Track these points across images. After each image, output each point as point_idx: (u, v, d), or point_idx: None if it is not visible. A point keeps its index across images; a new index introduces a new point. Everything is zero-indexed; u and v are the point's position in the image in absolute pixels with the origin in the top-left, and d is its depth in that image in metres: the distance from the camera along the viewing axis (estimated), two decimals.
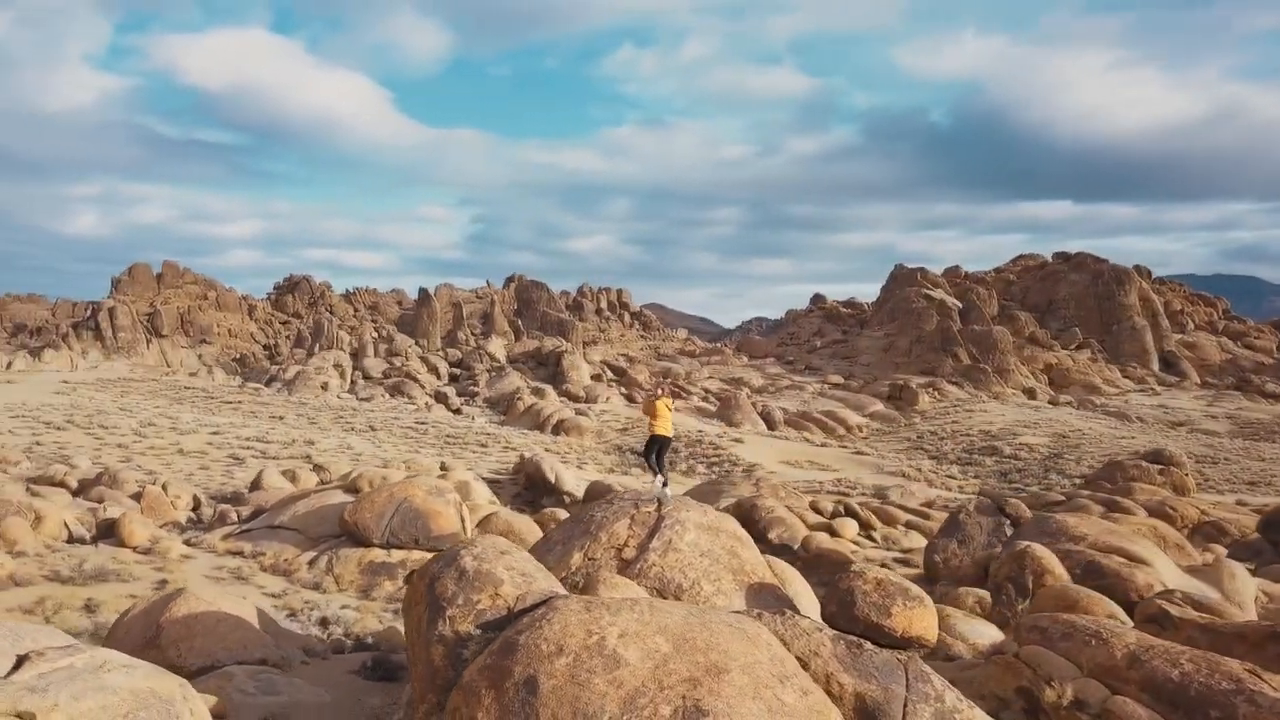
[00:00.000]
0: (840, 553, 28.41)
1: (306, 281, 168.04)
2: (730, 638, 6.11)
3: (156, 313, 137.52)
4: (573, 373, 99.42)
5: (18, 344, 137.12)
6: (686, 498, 10.80)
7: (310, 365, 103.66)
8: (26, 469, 48.55)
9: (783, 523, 30.69)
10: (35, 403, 71.58)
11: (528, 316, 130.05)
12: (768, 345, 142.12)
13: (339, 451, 58.48)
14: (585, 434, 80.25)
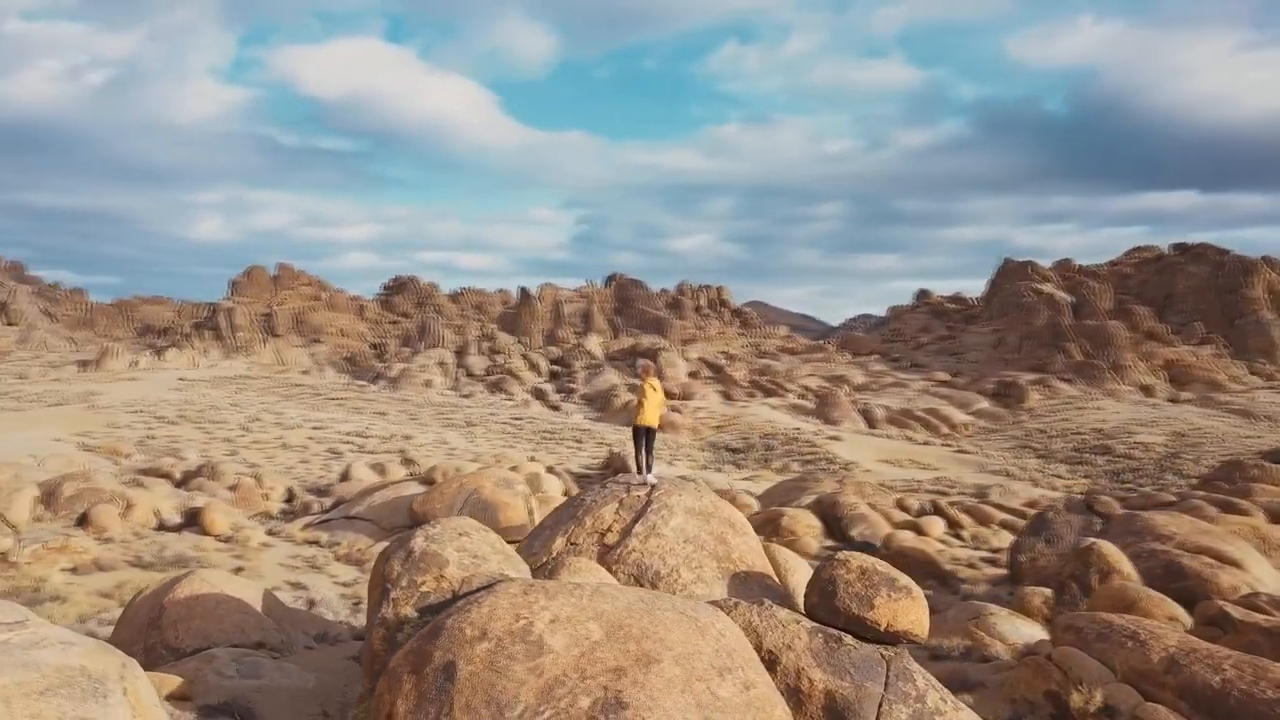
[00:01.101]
0: (924, 551, 27.39)
1: (414, 282, 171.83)
2: (673, 626, 5.66)
3: (272, 313, 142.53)
4: (669, 370, 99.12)
5: (144, 344, 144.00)
6: (685, 480, 10.33)
7: (415, 363, 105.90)
8: (138, 460, 50.77)
9: (864, 520, 29.80)
10: (153, 399, 74.92)
11: (626, 315, 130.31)
12: (871, 342, 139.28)
13: (434, 446, 59.49)
14: (681, 431, 79.86)
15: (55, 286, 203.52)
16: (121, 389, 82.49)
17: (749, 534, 9.27)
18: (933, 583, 25.42)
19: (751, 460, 66.60)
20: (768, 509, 33.60)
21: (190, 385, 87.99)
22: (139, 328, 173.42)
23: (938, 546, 29.77)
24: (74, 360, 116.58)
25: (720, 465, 64.35)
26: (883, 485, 47.46)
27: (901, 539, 28.20)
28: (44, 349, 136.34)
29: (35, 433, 56.90)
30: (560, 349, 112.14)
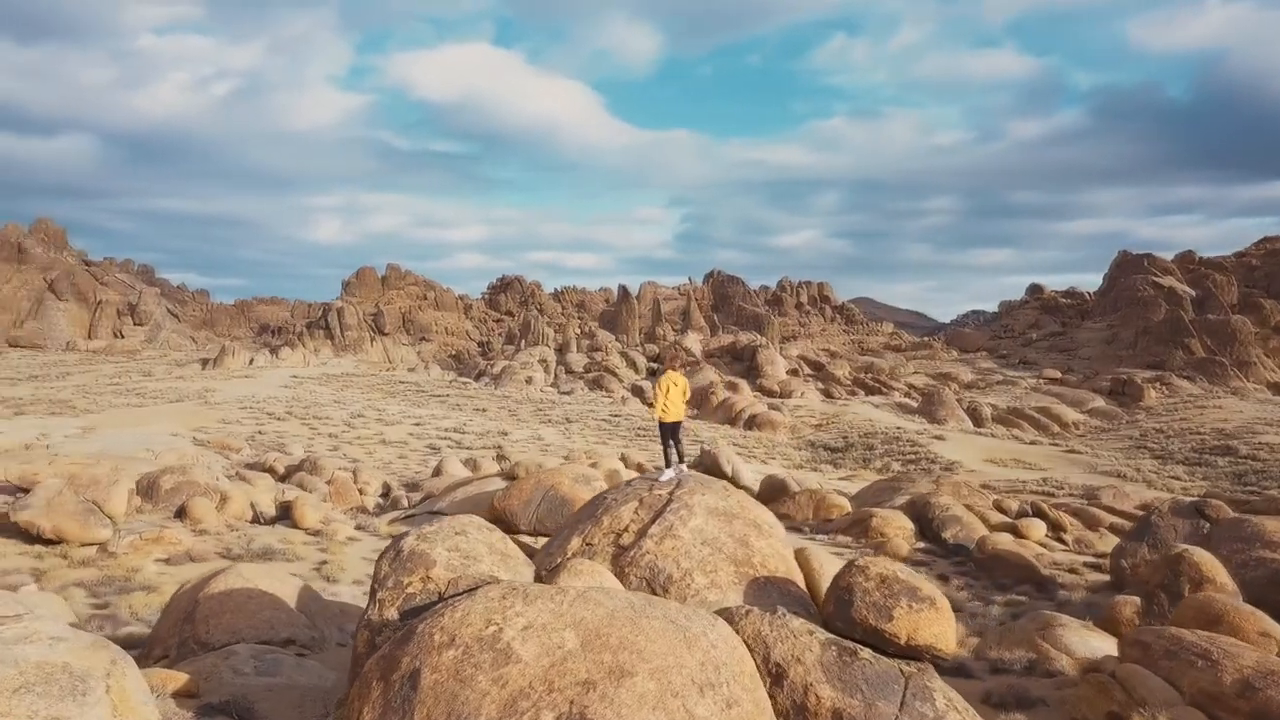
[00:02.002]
0: (1020, 555, 26.21)
1: (518, 281, 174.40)
2: (656, 637, 5.27)
3: (380, 313, 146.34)
4: (768, 367, 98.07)
5: (261, 342, 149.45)
6: (711, 480, 9.85)
7: (516, 360, 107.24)
8: (246, 455, 52.54)
9: (958, 521, 28.70)
10: (264, 395, 77.60)
11: (724, 311, 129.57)
12: (980, 339, 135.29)
13: (529, 442, 60.03)
14: (778, 429, 78.89)
15: (181, 288, 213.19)
16: (237, 386, 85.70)
17: (774, 536, 8.78)
18: (1028, 588, 24.30)
19: (850, 460, 65.30)
20: (859, 509, 32.72)
21: (300, 383, 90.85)
22: (256, 327, 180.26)
23: (1037, 550, 28.46)
24: (196, 359, 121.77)
25: (818, 464, 63.28)
26: (985, 486, 45.86)
27: (997, 542, 27.04)
28: (169, 348, 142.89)
29: (154, 428, 59.43)
30: (658, 346, 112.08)
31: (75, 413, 66.48)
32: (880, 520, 29.50)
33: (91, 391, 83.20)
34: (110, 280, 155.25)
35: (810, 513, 33.98)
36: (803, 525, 32.87)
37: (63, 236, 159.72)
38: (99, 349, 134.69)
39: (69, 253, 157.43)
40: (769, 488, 40.79)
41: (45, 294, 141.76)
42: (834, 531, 31.03)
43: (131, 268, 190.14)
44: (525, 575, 7.03)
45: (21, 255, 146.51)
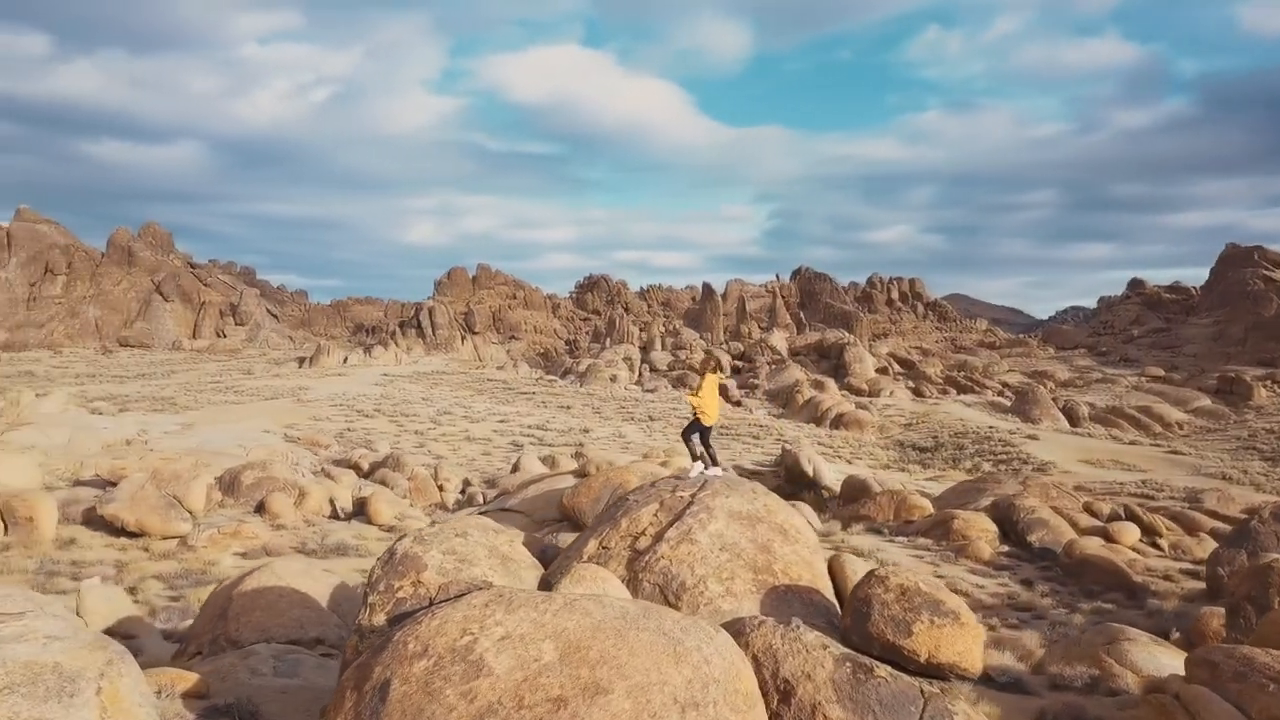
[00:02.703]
0: (1110, 561, 25.06)
1: (605, 280, 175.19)
2: (642, 650, 4.93)
3: (471, 312, 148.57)
4: (856, 365, 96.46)
5: (356, 341, 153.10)
6: (742, 481, 9.41)
7: (601, 358, 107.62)
8: (334, 451, 53.69)
9: (1044, 525, 27.61)
10: (355, 393, 79.29)
11: (811, 309, 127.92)
12: (1078, 336, 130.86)
13: (611, 440, 60.05)
14: (865, 428, 77.39)
15: (281, 289, 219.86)
16: (330, 384, 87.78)
17: (800, 542, 8.31)
18: (1118, 595, 23.20)
19: (939, 460, 63.69)
20: (940, 511, 31.77)
21: (391, 381, 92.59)
22: (352, 326, 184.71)
23: (1129, 556, 27.19)
24: (293, 357, 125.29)
25: (905, 465, 61.89)
26: (1079, 488, 44.17)
27: (1085, 546, 25.90)
28: (268, 347, 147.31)
29: (248, 424, 61.16)
30: (744, 344, 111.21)
31: (176, 409, 68.90)
32: (962, 522, 28.57)
33: (193, 389, 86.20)
34: (213, 282, 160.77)
35: (891, 514, 33.12)
36: (882, 526, 32.06)
37: (169, 240, 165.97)
38: (202, 348, 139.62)
39: (175, 255, 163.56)
40: (850, 488, 39.96)
41: (153, 295, 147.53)
42: (914, 533, 30.16)
43: (234, 269, 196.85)
44: (527, 580, 6.77)
45: (131, 258, 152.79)
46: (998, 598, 23.31)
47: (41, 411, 56.78)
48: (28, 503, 22.82)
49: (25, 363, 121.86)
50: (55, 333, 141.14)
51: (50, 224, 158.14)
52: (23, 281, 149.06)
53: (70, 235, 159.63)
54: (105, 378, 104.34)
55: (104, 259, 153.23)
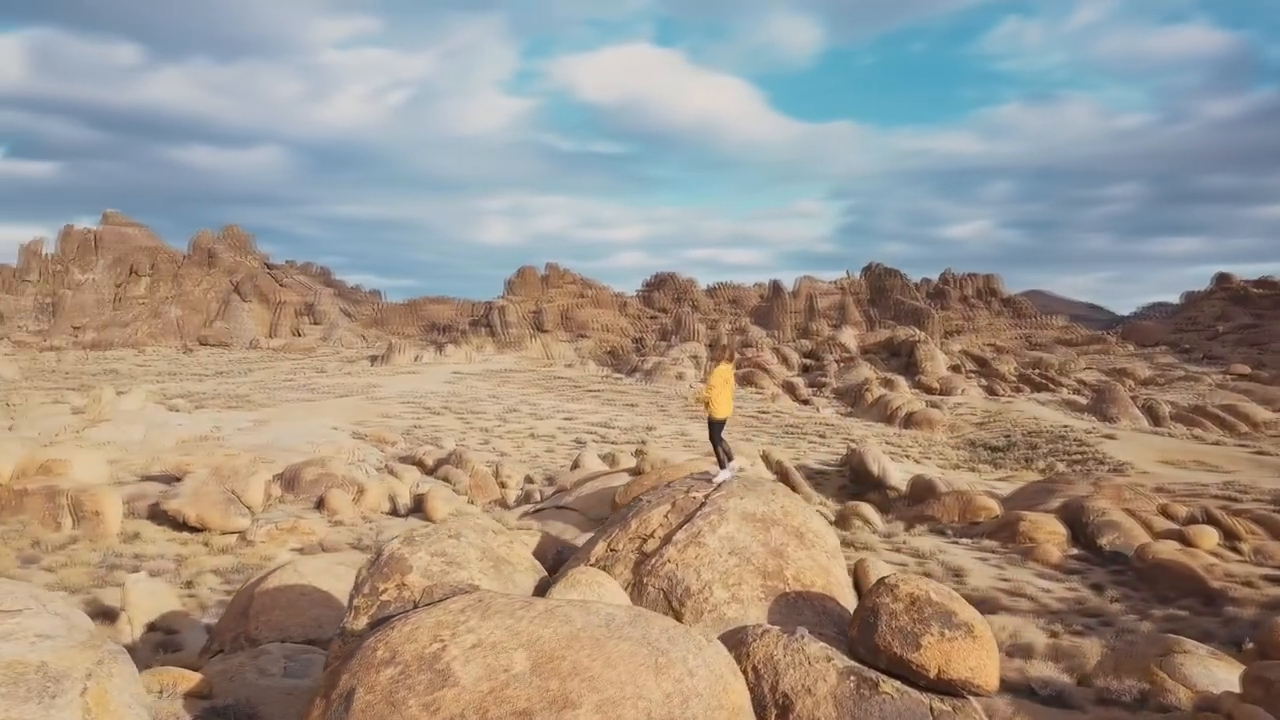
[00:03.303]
0: (1186, 565, 24.03)
1: (673, 278, 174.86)
2: (620, 661, 4.63)
3: (540, 311, 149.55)
4: (927, 363, 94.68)
5: (428, 340, 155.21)
6: (759, 481, 8.99)
7: (668, 356, 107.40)
8: (401, 448, 54.34)
9: (1116, 527, 26.61)
10: (424, 391, 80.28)
11: (882, 305, 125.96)
12: (1160, 332, 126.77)
13: (674, 438, 59.73)
14: (936, 427, 75.90)
15: (356, 289, 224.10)
16: (400, 382, 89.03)
17: (818, 547, 7.90)
18: (1193, 602, 22.20)
19: (1011, 460, 62.10)
20: (1008, 512, 30.87)
21: (461, 378, 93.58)
22: (425, 325, 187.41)
23: (1207, 560, 26.05)
24: (367, 356, 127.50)
25: (976, 464, 60.46)
26: (1159, 489, 42.59)
27: (1159, 550, 24.88)
28: (342, 346, 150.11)
29: (318, 421, 62.23)
30: (812, 342, 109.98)
31: (250, 407, 70.48)
32: (1030, 524, 27.71)
33: (268, 387, 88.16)
34: (290, 282, 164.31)
35: (957, 514, 32.30)
36: (947, 528, 31.26)
37: (248, 242, 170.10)
38: (279, 347, 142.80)
39: (253, 256, 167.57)
40: (916, 488, 39.12)
41: (231, 295, 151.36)
42: (980, 535, 29.34)
43: (311, 270, 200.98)
44: (521, 584, 6.53)
45: (212, 259, 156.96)
46: (1065, 602, 22.51)
47: (121, 409, 58.47)
48: (95, 497, 23.36)
49: (110, 361, 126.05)
50: (139, 332, 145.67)
51: (136, 227, 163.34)
52: (109, 283, 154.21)
53: (155, 238, 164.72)
54: (185, 376, 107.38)
55: (185, 260, 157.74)
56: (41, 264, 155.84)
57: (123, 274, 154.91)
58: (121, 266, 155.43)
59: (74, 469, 25.63)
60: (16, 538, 22.07)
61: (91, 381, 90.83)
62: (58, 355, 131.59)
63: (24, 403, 66.87)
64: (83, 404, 60.66)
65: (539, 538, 8.78)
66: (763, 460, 45.36)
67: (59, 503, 23.32)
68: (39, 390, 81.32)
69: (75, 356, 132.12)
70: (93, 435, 46.73)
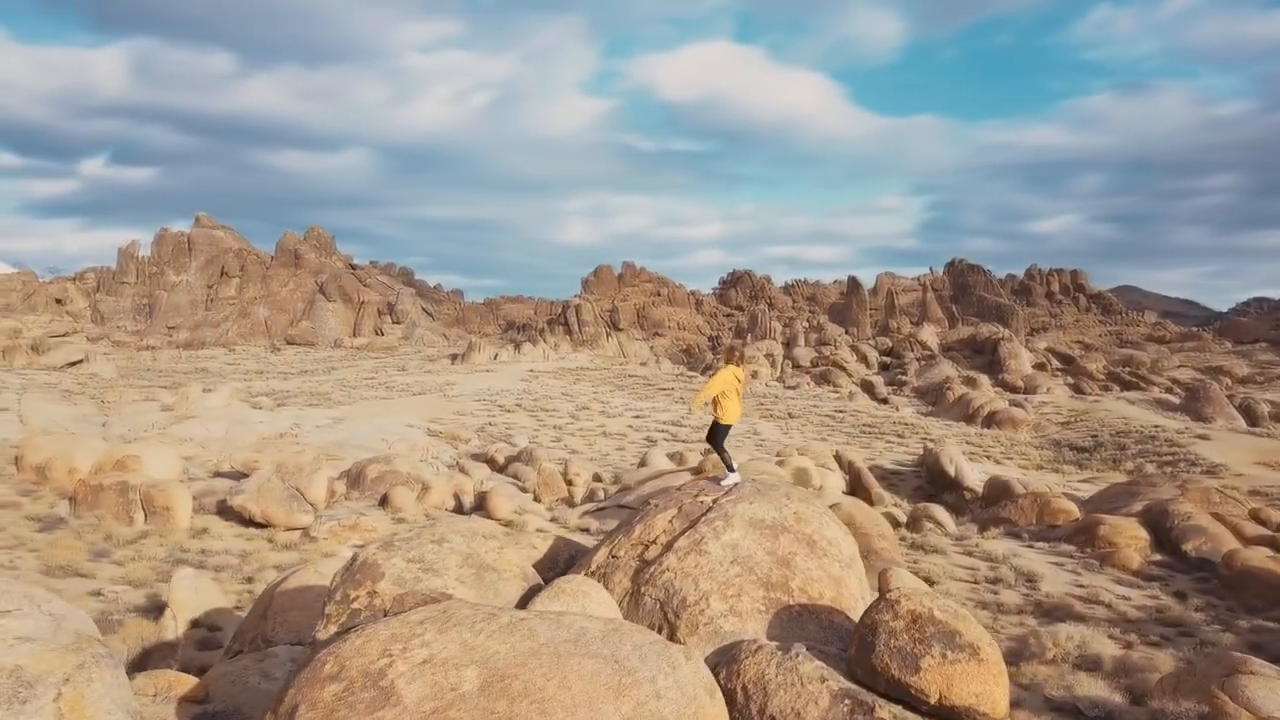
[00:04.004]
0: (1276, 573, 22.75)
1: (749, 276, 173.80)
2: (578, 681, 4.27)
3: (616, 309, 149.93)
4: (1011, 361, 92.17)
5: (506, 339, 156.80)
6: (775, 485, 8.48)
7: None
8: (474, 446, 54.77)
9: (1201, 532, 25.34)
10: (499, 388, 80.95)
11: (964, 302, 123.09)
12: (1259, 329, 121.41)
13: (745, 437, 59.07)
14: (1020, 427, 73.78)
15: (437, 289, 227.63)
16: (477, 380, 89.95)
17: (830, 556, 7.38)
18: None
19: (1097, 460, 60.01)
20: (1087, 516, 29.69)
21: (536, 377, 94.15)
22: (504, 324, 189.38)
23: None
24: (446, 354, 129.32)
25: (1060, 465, 58.56)
26: (1255, 492, 40.64)
27: (1248, 557, 23.59)
28: (423, 344, 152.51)
29: (394, 419, 63.13)
30: (892, 339, 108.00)
31: (330, 405, 71.89)
32: (1109, 529, 26.56)
33: (349, 385, 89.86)
34: (372, 282, 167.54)
35: (1033, 517, 31.20)
36: (1023, 531, 30.19)
37: (331, 243, 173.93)
38: (361, 346, 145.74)
39: (337, 257, 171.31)
40: (992, 489, 37.94)
41: (316, 295, 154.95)
42: (1057, 539, 28.25)
43: (393, 270, 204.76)
44: (505, 593, 6.21)
45: (297, 261, 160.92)
46: (1144, 611, 21.48)
47: (206, 406, 60.10)
48: (165, 493, 23.84)
49: (202, 360, 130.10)
50: (229, 332, 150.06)
51: (225, 230, 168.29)
52: (201, 284, 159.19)
53: (243, 240, 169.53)
54: (271, 374, 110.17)
55: (273, 262, 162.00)
56: (138, 266, 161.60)
57: (214, 275, 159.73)
58: (213, 268, 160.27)
59: (146, 465, 26.24)
60: (91, 532, 22.64)
61: (183, 380, 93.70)
62: (153, 354, 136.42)
63: (118, 400, 69.31)
64: (171, 402, 62.57)
65: (551, 541, 8.51)
66: (835, 460, 44.51)
67: (131, 498, 23.85)
68: (133, 388, 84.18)
69: (170, 355, 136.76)
70: (177, 431, 48.09)
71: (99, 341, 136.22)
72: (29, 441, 28.23)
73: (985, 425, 74.80)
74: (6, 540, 21.52)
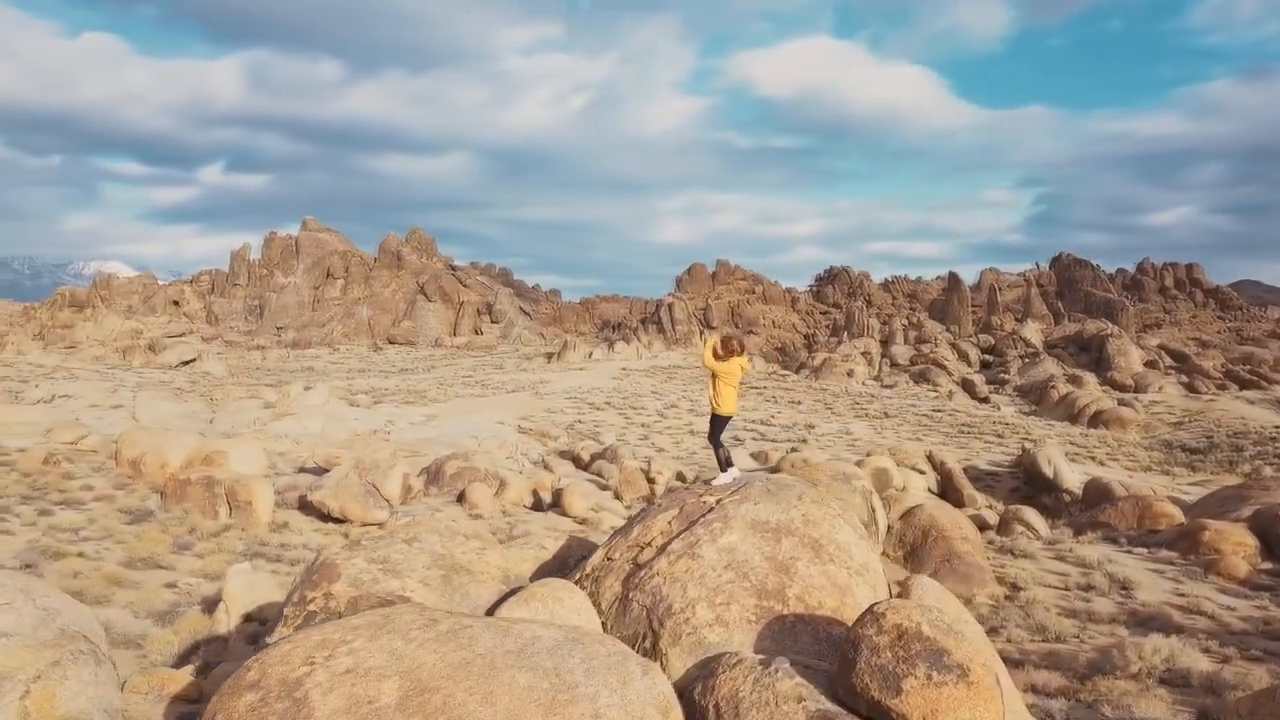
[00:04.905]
0: None
1: (845, 273, 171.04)
2: (505, 696, 3.88)
3: (709, 307, 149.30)
4: (1119, 358, 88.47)
5: (600, 337, 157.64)
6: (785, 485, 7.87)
7: (838, 353, 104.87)
8: (562, 443, 54.98)
9: None
10: (589, 387, 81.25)
11: (1070, 298, 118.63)
12: None
13: (836, 437, 57.97)
14: (1128, 427, 70.82)
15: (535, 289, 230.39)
16: (569, 378, 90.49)
17: (839, 563, 6.79)
18: None
19: (1211, 463, 57.11)
20: (1191, 520, 28.07)
21: (628, 375, 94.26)
22: (599, 323, 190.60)
23: None
24: (542, 353, 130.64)
25: (1170, 467, 55.93)
26: None
27: None
28: (520, 344, 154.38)
29: (486, 416, 63.91)
30: (994, 337, 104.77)
31: (425, 402, 73.19)
32: (1214, 534, 25.00)
33: (445, 383, 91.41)
34: (471, 283, 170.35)
35: (1134, 521, 29.64)
36: (1121, 535, 28.72)
37: (432, 245, 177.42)
38: (461, 345, 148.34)
39: (437, 258, 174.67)
40: (1091, 491, 36.34)
41: (417, 296, 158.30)
42: (1157, 545, 26.76)
43: (492, 271, 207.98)
44: (476, 596, 5.87)
45: (399, 262, 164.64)
46: (1250, 623, 20.11)
47: (305, 404, 61.73)
48: (248, 487, 24.36)
49: (308, 359, 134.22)
50: (334, 331, 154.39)
51: (330, 232, 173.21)
52: (307, 285, 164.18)
53: (348, 242, 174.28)
54: (373, 373, 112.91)
55: (375, 263, 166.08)
56: (249, 269, 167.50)
57: (319, 277, 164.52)
58: (318, 270, 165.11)
59: (233, 460, 26.87)
60: (176, 525, 23.29)
61: (289, 378, 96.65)
62: (262, 353, 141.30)
63: (224, 398, 71.80)
64: (274, 399, 64.50)
65: (563, 541, 8.19)
66: (927, 461, 43.23)
67: (216, 492, 24.44)
68: (240, 386, 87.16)
69: (278, 355, 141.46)
70: (274, 428, 49.44)
71: (212, 341, 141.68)
72: (126, 437, 29.23)
73: (1090, 425, 71.98)
74: (97, 531, 22.28)
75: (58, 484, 26.57)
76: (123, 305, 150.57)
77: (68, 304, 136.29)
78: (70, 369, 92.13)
